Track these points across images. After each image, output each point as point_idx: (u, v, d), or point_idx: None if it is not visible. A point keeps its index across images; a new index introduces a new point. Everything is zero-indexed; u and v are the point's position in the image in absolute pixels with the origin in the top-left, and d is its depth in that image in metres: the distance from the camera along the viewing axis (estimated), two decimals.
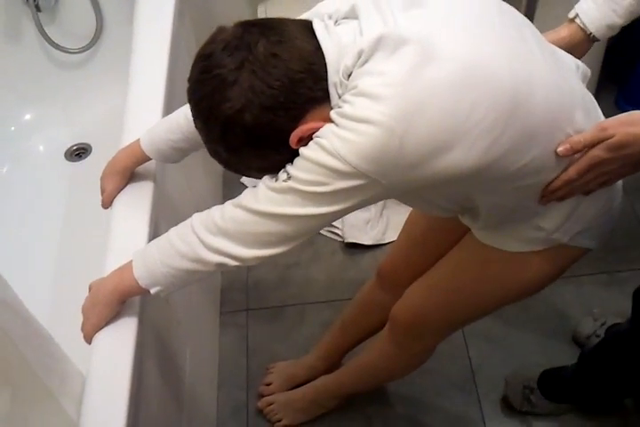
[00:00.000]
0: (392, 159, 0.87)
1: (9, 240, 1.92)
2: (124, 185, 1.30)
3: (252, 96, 0.88)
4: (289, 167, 0.92)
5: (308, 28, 0.93)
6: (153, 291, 1.05)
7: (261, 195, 0.95)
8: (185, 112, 1.15)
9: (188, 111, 0.99)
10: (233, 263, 1.00)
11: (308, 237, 0.99)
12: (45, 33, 2.03)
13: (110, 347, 1.10)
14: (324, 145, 0.88)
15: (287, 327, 1.95)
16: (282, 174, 0.93)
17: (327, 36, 0.92)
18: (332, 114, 0.90)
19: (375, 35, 0.88)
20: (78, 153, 2.15)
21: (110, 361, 1.08)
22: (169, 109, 1.39)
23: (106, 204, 1.30)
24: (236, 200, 0.98)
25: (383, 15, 0.92)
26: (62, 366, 1.04)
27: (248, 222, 0.96)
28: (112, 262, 1.15)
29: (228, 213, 0.97)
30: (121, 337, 1.10)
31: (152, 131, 1.23)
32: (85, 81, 2.19)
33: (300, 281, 2.04)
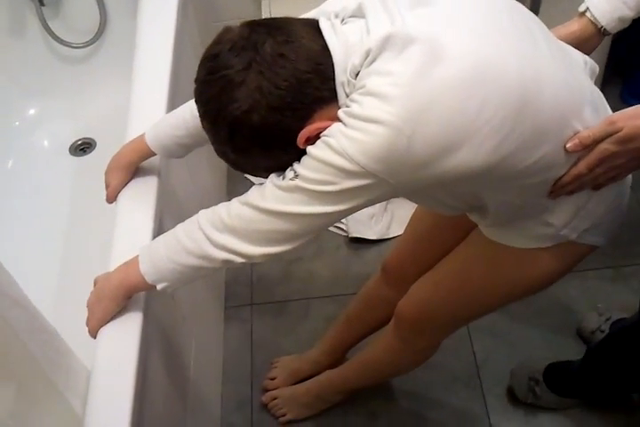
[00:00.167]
0: (400, 159, 0.87)
1: (14, 235, 1.92)
2: (129, 180, 1.30)
3: (260, 97, 0.88)
4: (296, 166, 0.92)
5: (315, 28, 0.93)
6: (159, 287, 1.05)
7: (268, 193, 0.94)
8: (190, 108, 1.15)
9: (194, 107, 0.98)
10: (239, 260, 0.99)
11: (315, 234, 0.99)
12: (49, 27, 2.03)
13: (115, 342, 1.10)
14: (332, 144, 0.88)
15: (292, 322, 1.95)
16: (289, 173, 0.93)
17: (334, 36, 0.91)
18: (340, 113, 0.89)
19: (383, 34, 0.87)
20: (83, 148, 2.15)
21: (115, 356, 1.09)
22: (173, 104, 1.39)
23: (110, 198, 1.30)
24: (243, 197, 0.98)
25: (390, 14, 0.91)
26: (67, 360, 1.04)
27: (254, 220, 0.96)
28: (117, 257, 1.15)
29: (235, 211, 0.97)
30: (126, 332, 1.10)
31: (157, 126, 1.23)
32: (89, 76, 2.18)
33: (305, 276, 2.04)
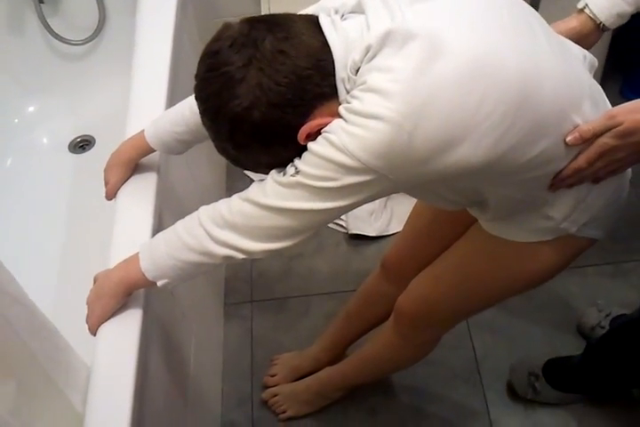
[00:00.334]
0: (401, 155, 0.87)
1: (13, 233, 1.92)
2: (128, 177, 1.30)
3: (260, 93, 0.88)
4: (297, 162, 0.92)
5: (315, 24, 0.92)
6: (160, 283, 1.05)
7: (269, 189, 0.94)
8: (189, 104, 1.15)
9: (193, 103, 0.98)
10: (240, 256, 1.00)
11: (316, 230, 0.99)
12: (48, 25, 2.02)
13: (115, 339, 1.10)
14: (333, 140, 0.88)
15: (291, 319, 1.95)
16: (290, 169, 0.93)
17: (334, 32, 0.91)
18: (341, 110, 0.89)
19: (383, 30, 0.87)
20: (82, 145, 2.15)
21: (115, 353, 1.09)
22: (172, 101, 1.39)
23: (110, 195, 1.30)
24: (244, 194, 0.98)
25: (390, 9, 0.91)
26: (67, 358, 1.04)
27: (255, 216, 0.96)
28: (116, 254, 1.15)
29: (236, 207, 0.97)
30: (126, 329, 1.10)
31: (156, 122, 1.22)
32: (88, 73, 2.18)
33: (305, 273, 2.04)
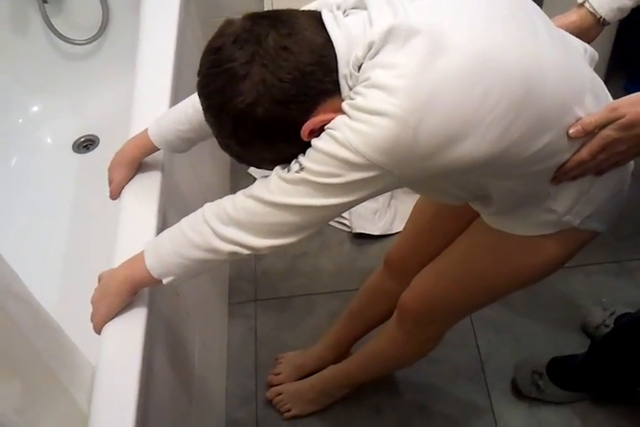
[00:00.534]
0: (405, 150, 0.87)
1: (17, 232, 1.92)
2: (133, 175, 1.30)
3: (264, 90, 0.88)
4: (301, 158, 0.92)
5: (317, 20, 0.92)
6: (165, 281, 1.05)
7: (273, 185, 0.94)
8: (193, 102, 1.15)
9: (196, 101, 0.98)
10: (245, 252, 1.00)
11: (320, 226, 1.00)
12: (52, 24, 2.02)
13: (120, 338, 1.10)
14: (337, 137, 0.88)
15: (295, 317, 1.95)
16: (294, 165, 0.93)
17: (337, 28, 0.91)
18: (345, 106, 0.89)
19: (385, 26, 0.87)
20: (86, 145, 2.15)
21: (120, 352, 1.09)
22: (176, 100, 1.39)
23: (114, 194, 1.30)
24: (248, 190, 0.98)
25: (393, 5, 0.91)
26: (72, 357, 1.04)
27: (260, 213, 0.96)
28: (121, 253, 1.15)
29: (240, 203, 0.97)
30: (130, 328, 1.11)
31: (160, 121, 1.23)
32: (92, 72, 2.18)
33: (309, 271, 2.04)
